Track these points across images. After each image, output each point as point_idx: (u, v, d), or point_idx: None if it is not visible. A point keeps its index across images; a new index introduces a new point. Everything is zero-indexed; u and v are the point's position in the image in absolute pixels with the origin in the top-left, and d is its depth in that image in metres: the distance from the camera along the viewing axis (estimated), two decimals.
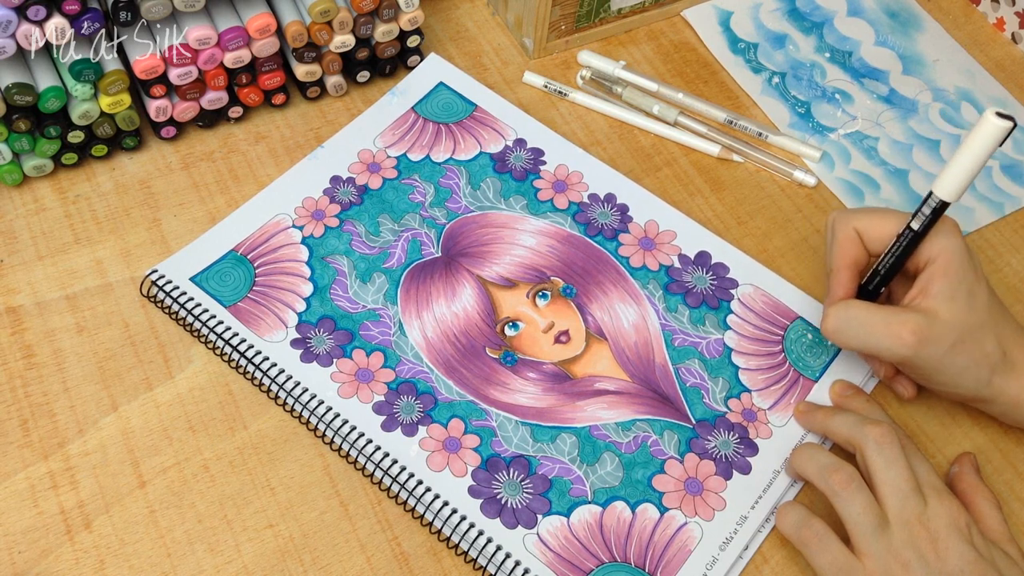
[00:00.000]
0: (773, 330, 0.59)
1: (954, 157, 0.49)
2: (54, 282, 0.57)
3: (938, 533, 0.46)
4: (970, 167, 0.48)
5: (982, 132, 0.47)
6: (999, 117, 0.46)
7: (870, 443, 0.48)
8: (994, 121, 0.46)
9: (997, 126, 0.46)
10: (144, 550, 0.49)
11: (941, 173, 0.49)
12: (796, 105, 0.70)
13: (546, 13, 0.67)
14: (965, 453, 0.54)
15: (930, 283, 0.51)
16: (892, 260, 0.52)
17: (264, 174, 0.63)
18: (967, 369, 0.51)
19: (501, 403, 0.54)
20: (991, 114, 0.46)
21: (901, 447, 0.48)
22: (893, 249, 0.52)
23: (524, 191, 0.63)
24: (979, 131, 0.47)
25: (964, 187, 0.49)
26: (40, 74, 0.56)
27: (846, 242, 0.53)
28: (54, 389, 0.54)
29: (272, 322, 0.56)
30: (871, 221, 0.53)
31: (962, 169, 0.48)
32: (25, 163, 0.60)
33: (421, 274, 0.59)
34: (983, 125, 0.47)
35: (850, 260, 0.53)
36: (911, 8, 0.77)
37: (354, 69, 0.66)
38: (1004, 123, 0.46)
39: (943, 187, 0.49)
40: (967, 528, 0.46)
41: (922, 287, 0.51)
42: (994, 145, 0.47)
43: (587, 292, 0.59)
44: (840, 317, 0.52)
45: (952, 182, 0.49)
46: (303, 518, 0.51)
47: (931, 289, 0.51)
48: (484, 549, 0.50)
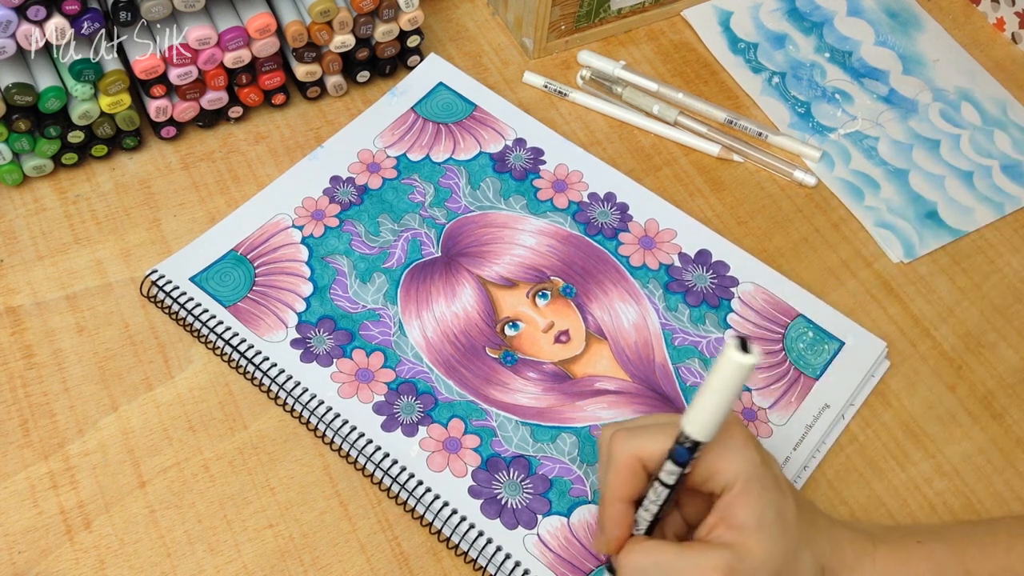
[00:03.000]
0: (774, 328, 0.59)
1: (701, 394, 0.40)
2: (54, 282, 0.57)
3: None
4: (720, 405, 0.40)
5: (723, 370, 0.39)
6: (740, 349, 0.38)
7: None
8: (735, 358, 0.38)
9: (739, 364, 0.38)
10: (144, 550, 0.49)
11: (689, 410, 0.41)
12: (796, 105, 0.70)
13: (546, 13, 0.67)
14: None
15: (731, 511, 0.43)
16: (658, 508, 0.44)
17: (264, 174, 0.63)
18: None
19: (501, 403, 0.54)
20: (732, 349, 0.38)
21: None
22: (655, 498, 0.44)
23: (524, 191, 0.63)
24: (720, 368, 0.39)
25: (720, 422, 0.41)
26: (40, 74, 0.56)
27: (626, 472, 0.44)
28: (54, 389, 0.54)
29: (272, 322, 0.56)
30: (653, 444, 0.44)
31: (711, 405, 0.40)
32: (25, 163, 0.59)
33: (421, 274, 0.59)
34: (723, 362, 0.39)
35: (629, 493, 0.44)
36: (911, 8, 0.77)
37: (354, 69, 0.66)
38: (746, 360, 0.38)
39: (694, 426, 0.41)
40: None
41: (722, 515, 0.43)
42: (739, 382, 0.39)
43: (587, 292, 0.59)
44: (640, 566, 0.43)
45: (704, 420, 0.41)
46: (303, 518, 0.51)
47: (734, 519, 0.42)
48: (484, 549, 0.50)
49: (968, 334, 0.61)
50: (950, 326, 0.61)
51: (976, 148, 0.69)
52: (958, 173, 0.68)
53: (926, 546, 0.46)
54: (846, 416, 0.57)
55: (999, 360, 0.60)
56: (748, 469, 0.43)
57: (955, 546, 0.47)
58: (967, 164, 0.68)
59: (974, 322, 0.61)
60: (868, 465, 0.55)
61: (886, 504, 0.54)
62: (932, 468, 0.56)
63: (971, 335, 0.61)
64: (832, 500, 0.54)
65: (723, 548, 0.42)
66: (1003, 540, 0.47)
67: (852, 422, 0.57)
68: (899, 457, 0.56)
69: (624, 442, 0.44)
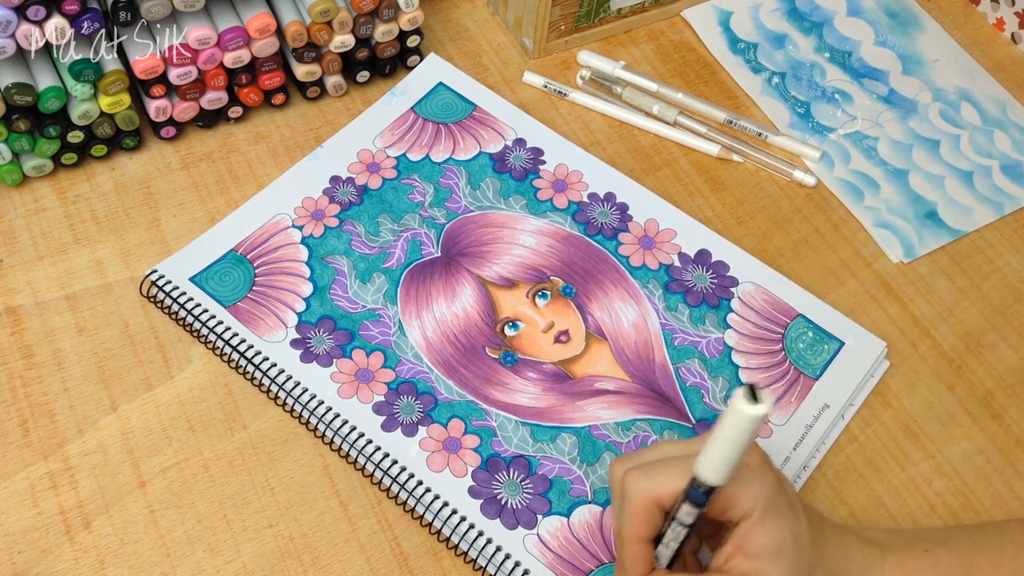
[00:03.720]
0: (774, 328, 0.59)
1: (713, 441, 0.40)
2: (54, 282, 0.57)
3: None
4: (732, 453, 0.40)
5: (733, 420, 0.38)
6: (750, 398, 0.37)
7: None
8: (744, 410, 0.37)
9: (749, 416, 0.38)
10: (144, 550, 0.49)
11: (702, 456, 0.40)
12: (796, 105, 0.70)
13: (546, 13, 0.67)
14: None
15: (748, 540, 0.42)
16: (678, 545, 0.44)
17: (264, 174, 0.63)
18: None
19: (501, 403, 0.54)
20: (740, 400, 0.37)
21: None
22: (674, 536, 0.44)
23: (524, 191, 0.63)
24: (730, 418, 0.38)
25: (732, 467, 0.40)
26: (40, 74, 0.56)
27: (643, 515, 0.43)
28: (54, 389, 0.54)
29: (272, 322, 0.56)
30: (669, 483, 0.43)
31: (724, 453, 0.40)
32: (25, 163, 0.59)
33: (421, 274, 0.59)
34: (733, 413, 0.38)
35: (647, 534, 0.44)
36: (911, 8, 0.77)
37: (354, 69, 0.66)
38: (756, 411, 0.37)
39: (709, 473, 0.40)
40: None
41: (739, 544, 0.43)
42: (751, 431, 0.38)
43: (587, 292, 0.59)
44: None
45: (717, 467, 0.40)
46: (303, 518, 0.51)
47: (752, 547, 0.42)
48: (484, 550, 0.50)
49: (968, 334, 0.61)
50: (950, 326, 0.61)
51: (976, 148, 0.69)
52: (958, 173, 0.68)
53: (933, 555, 0.47)
54: (846, 416, 0.57)
55: (999, 360, 0.60)
56: (765, 497, 0.43)
57: (962, 556, 0.47)
58: (967, 164, 0.68)
59: (974, 322, 0.61)
60: (868, 465, 0.55)
61: (886, 504, 0.54)
62: (932, 468, 0.56)
63: (971, 335, 0.61)
64: (832, 500, 0.54)
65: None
66: (1008, 549, 0.47)
67: (852, 422, 0.57)
68: (899, 457, 0.56)
69: (638, 483, 0.43)
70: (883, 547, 0.46)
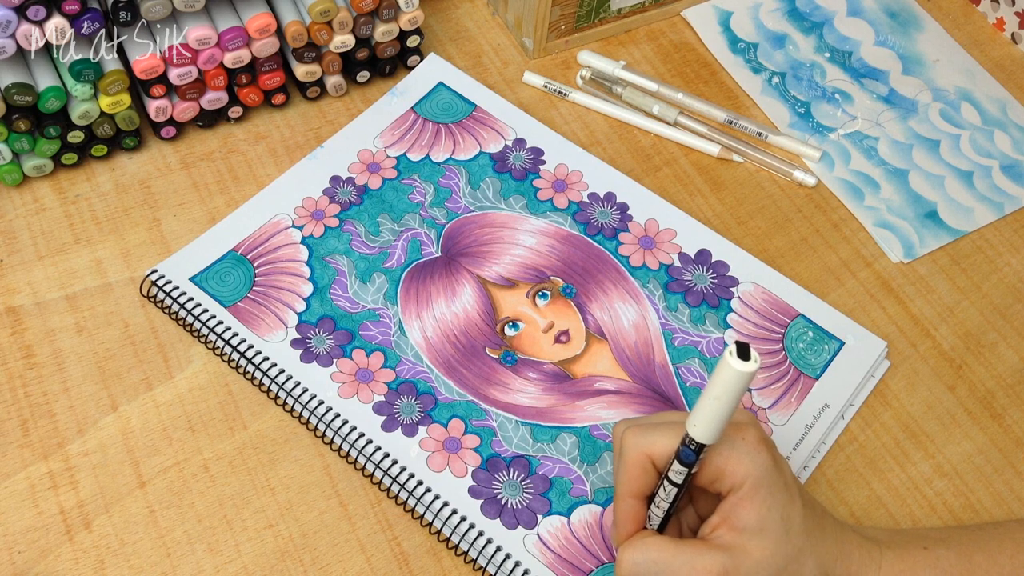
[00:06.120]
0: (774, 328, 0.59)
1: (703, 398, 0.41)
2: (54, 282, 0.57)
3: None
4: (721, 410, 0.40)
5: (722, 376, 0.39)
6: (740, 355, 0.38)
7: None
8: (733, 365, 0.38)
9: (738, 371, 0.38)
10: (144, 550, 0.49)
11: (693, 413, 0.41)
12: (796, 105, 0.70)
13: (546, 13, 0.67)
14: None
15: (734, 513, 0.43)
16: (668, 505, 0.45)
17: (264, 174, 0.63)
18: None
19: (501, 403, 0.54)
20: (730, 356, 0.38)
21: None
22: (664, 496, 0.44)
23: (524, 191, 0.63)
24: (720, 374, 0.39)
25: (722, 426, 0.41)
26: (40, 74, 0.56)
27: (635, 469, 0.45)
28: (54, 389, 0.54)
29: (272, 322, 0.56)
30: (662, 442, 0.44)
31: (713, 411, 0.40)
32: (25, 163, 0.59)
33: (421, 274, 0.59)
34: (722, 369, 0.39)
35: (639, 489, 0.45)
36: (911, 8, 0.77)
37: (354, 69, 0.66)
38: (746, 367, 0.38)
39: (697, 429, 0.41)
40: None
41: (725, 516, 0.43)
42: (740, 387, 0.39)
43: (587, 292, 0.59)
44: (637, 562, 0.44)
45: (706, 424, 0.41)
46: (303, 518, 0.51)
47: (737, 520, 0.43)
48: (484, 549, 0.50)
49: (968, 334, 0.61)
50: (950, 326, 0.61)
51: (976, 148, 0.69)
52: (958, 173, 0.68)
53: (932, 552, 0.47)
54: (846, 416, 0.57)
55: (999, 360, 0.60)
56: (757, 472, 0.43)
57: (961, 553, 0.47)
58: (967, 164, 0.68)
59: (974, 322, 0.61)
60: (868, 465, 0.55)
61: (886, 504, 0.54)
62: (932, 468, 0.56)
63: (971, 335, 0.61)
64: (832, 500, 0.54)
65: (720, 550, 0.42)
66: (1008, 547, 0.47)
67: (852, 422, 0.57)
68: (899, 457, 0.56)
69: (634, 439, 0.45)
70: (881, 544, 0.46)
